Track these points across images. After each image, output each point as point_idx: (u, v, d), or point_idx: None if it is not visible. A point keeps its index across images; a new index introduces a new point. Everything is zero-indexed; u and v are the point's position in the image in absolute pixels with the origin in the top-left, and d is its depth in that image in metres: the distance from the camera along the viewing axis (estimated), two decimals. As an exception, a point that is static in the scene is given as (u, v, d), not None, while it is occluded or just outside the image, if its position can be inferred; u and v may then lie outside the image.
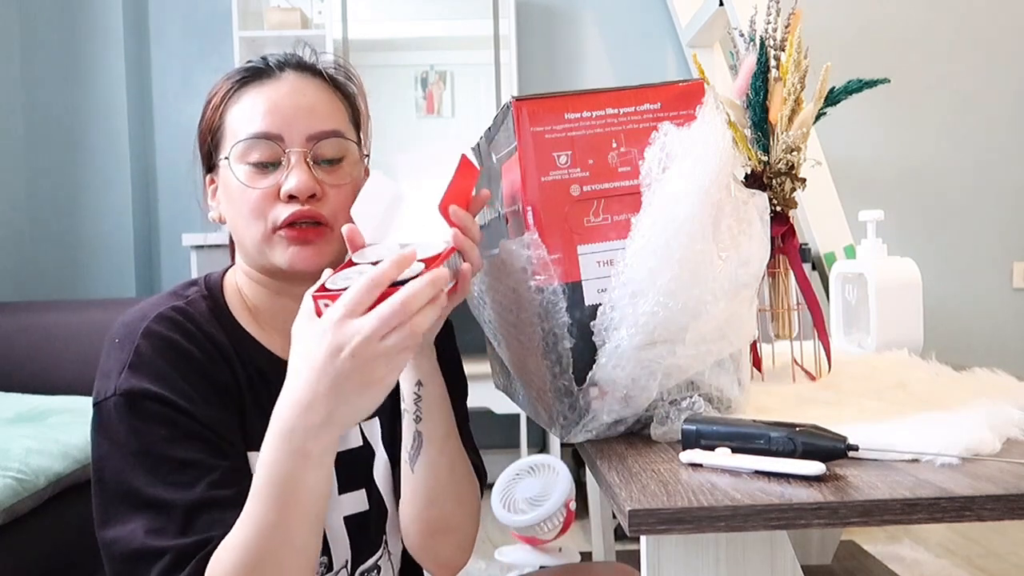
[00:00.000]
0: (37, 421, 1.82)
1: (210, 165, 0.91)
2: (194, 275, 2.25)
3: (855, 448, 0.66)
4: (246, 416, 0.86)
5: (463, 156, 0.82)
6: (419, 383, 0.85)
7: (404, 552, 0.99)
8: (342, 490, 0.93)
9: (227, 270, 0.95)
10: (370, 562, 0.95)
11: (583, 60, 3.11)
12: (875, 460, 0.68)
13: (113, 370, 0.81)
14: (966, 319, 3.11)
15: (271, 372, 0.88)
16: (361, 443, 0.95)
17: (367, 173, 0.95)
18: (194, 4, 3.04)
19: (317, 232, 0.86)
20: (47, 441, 1.66)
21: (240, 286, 0.93)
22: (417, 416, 0.86)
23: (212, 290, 0.92)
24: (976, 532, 2.33)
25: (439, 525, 0.91)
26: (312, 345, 0.67)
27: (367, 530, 0.94)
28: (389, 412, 0.96)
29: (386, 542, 0.97)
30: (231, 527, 0.73)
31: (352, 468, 0.93)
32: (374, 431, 0.97)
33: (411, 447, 0.87)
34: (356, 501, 0.94)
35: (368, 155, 0.96)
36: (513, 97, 0.79)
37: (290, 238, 0.85)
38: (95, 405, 0.82)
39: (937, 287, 3.06)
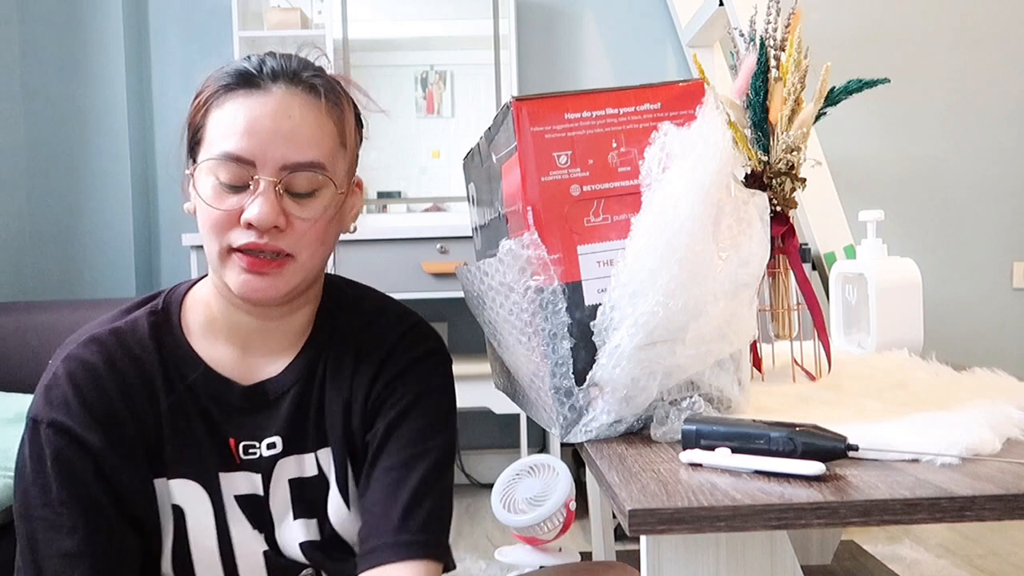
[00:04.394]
0: (37, 421, 1.82)
1: (190, 160, 0.89)
2: (194, 275, 2.25)
3: (855, 448, 0.66)
4: (163, 444, 0.87)
5: None
6: None
7: None
8: (296, 515, 0.91)
9: (201, 278, 0.93)
10: None
11: (583, 60, 3.11)
12: (875, 460, 0.68)
13: (36, 393, 0.86)
14: (966, 319, 3.11)
15: (203, 387, 0.88)
16: (316, 472, 0.91)
17: (359, 186, 0.94)
18: (194, 4, 3.04)
19: (276, 264, 0.82)
20: (47, 441, 1.65)
21: (205, 295, 0.91)
22: None
23: (169, 304, 0.91)
24: (976, 532, 2.33)
25: None
26: None
27: (330, 557, 0.92)
28: (340, 445, 0.91)
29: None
30: None
31: (305, 495, 0.91)
32: (329, 463, 0.91)
33: None
34: (310, 529, 0.91)
35: (353, 179, 0.92)
36: (513, 97, 0.79)
37: (244, 266, 0.82)
38: None
39: (937, 287, 3.06)
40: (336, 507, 0.91)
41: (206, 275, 0.93)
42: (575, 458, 2.58)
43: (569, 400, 0.79)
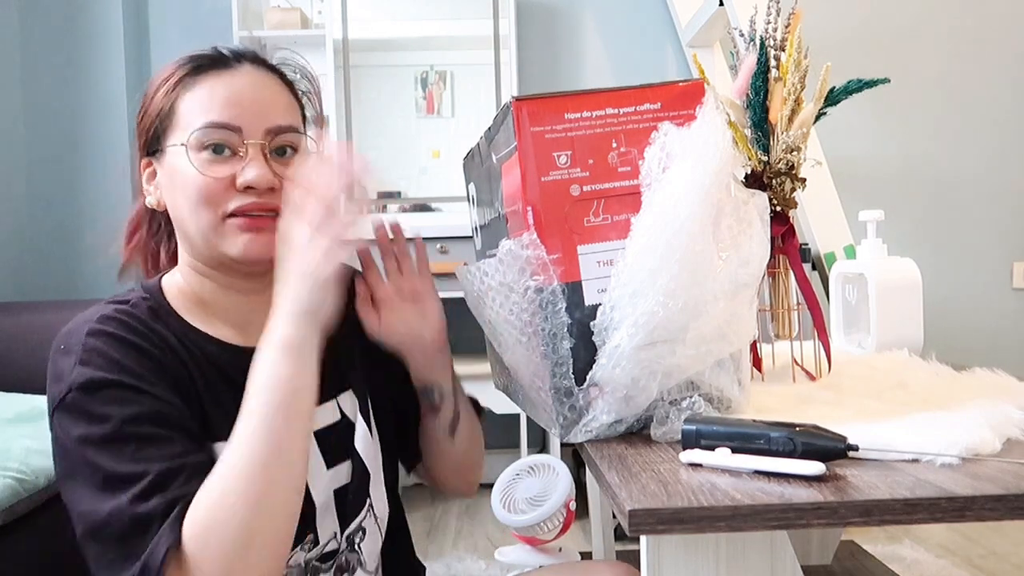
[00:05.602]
0: (37, 421, 1.82)
1: (152, 149, 0.90)
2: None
3: (855, 448, 0.66)
4: (203, 406, 0.85)
5: None
6: (454, 378, 1.02)
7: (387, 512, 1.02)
8: (329, 465, 0.94)
9: (162, 276, 0.94)
10: (354, 525, 0.96)
11: (583, 60, 3.11)
12: (875, 460, 0.68)
13: (64, 371, 0.79)
14: (966, 319, 3.11)
15: (224, 359, 0.88)
16: (339, 417, 0.97)
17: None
18: (194, 4, 3.04)
19: (273, 221, 0.86)
20: (47, 441, 1.64)
21: (185, 283, 0.92)
22: (455, 402, 1.02)
23: (152, 293, 0.91)
24: (976, 532, 2.33)
25: (468, 464, 1.08)
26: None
27: (351, 497, 0.96)
28: (362, 384, 0.99)
29: (370, 504, 0.98)
30: None
31: (335, 442, 0.95)
32: (349, 405, 0.98)
33: (450, 424, 1.03)
34: (342, 474, 0.95)
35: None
36: (513, 97, 0.79)
37: (243, 226, 0.85)
38: (53, 412, 0.80)
39: (937, 287, 3.05)
40: (363, 437, 0.97)
41: (165, 273, 0.95)
42: (575, 458, 2.58)
43: (569, 400, 0.79)
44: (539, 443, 2.96)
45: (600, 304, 0.77)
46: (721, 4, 2.57)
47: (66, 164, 2.90)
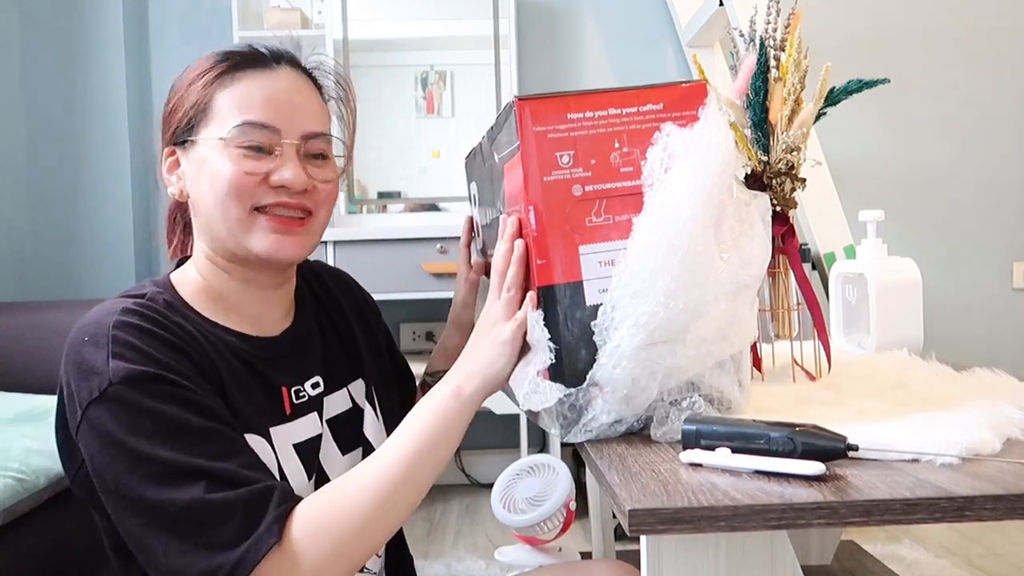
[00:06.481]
0: (37, 421, 1.82)
1: (181, 140, 0.90)
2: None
3: (855, 448, 0.66)
4: (228, 397, 0.84)
5: None
6: None
7: None
8: (344, 452, 0.96)
9: (170, 272, 0.95)
10: None
11: (583, 60, 3.11)
12: (875, 460, 0.68)
13: (97, 364, 0.77)
14: (966, 319, 3.11)
15: (244, 348, 0.89)
16: (350, 405, 0.99)
17: (346, 172, 1.00)
18: (194, 4, 3.04)
19: (301, 223, 0.89)
20: (47, 441, 1.65)
21: (200, 276, 0.92)
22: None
23: (164, 288, 0.91)
24: (976, 532, 2.33)
25: None
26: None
27: None
28: (371, 375, 1.04)
29: None
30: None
31: (348, 429, 0.98)
32: (358, 392, 1.01)
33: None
34: (356, 461, 0.95)
35: (350, 156, 1.00)
36: (516, 96, 0.79)
37: (274, 227, 0.87)
38: (88, 405, 0.77)
39: (937, 287, 3.05)
40: (371, 423, 1.00)
41: (174, 269, 0.96)
42: (575, 458, 2.58)
43: (569, 400, 0.79)
44: (539, 443, 2.96)
45: (601, 304, 0.77)
46: (721, 4, 2.57)
47: (66, 164, 2.90)
